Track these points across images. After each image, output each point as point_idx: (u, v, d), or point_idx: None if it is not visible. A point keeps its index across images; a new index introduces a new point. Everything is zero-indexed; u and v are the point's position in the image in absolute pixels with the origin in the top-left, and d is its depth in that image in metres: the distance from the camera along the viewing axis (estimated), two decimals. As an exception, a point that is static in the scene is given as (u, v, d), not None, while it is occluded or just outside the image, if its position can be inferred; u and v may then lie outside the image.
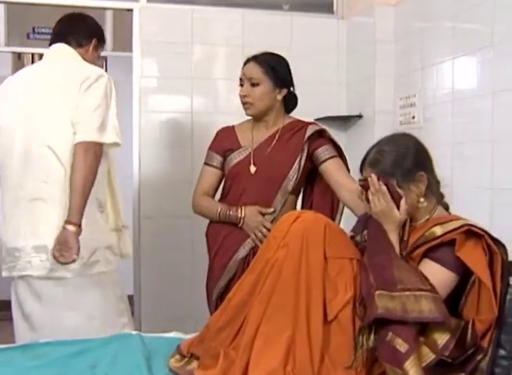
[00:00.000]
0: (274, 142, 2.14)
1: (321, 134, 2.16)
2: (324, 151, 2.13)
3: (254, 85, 2.12)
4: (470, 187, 2.47)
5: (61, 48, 2.06)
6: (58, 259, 1.86)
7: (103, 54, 3.76)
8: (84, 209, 1.88)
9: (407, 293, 1.36)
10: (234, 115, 3.29)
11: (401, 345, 1.31)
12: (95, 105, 1.89)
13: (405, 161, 1.58)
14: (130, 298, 3.40)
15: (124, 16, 3.43)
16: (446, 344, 1.35)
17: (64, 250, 1.85)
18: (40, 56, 5.77)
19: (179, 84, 3.31)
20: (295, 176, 2.10)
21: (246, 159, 2.13)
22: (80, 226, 1.88)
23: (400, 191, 1.56)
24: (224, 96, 3.40)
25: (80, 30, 2.10)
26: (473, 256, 1.42)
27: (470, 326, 1.40)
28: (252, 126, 2.21)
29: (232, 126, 2.29)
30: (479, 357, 1.39)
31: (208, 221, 2.30)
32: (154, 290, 3.32)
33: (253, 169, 2.11)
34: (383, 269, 1.44)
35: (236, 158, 2.16)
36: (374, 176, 1.57)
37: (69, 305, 1.97)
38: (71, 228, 1.86)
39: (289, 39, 3.40)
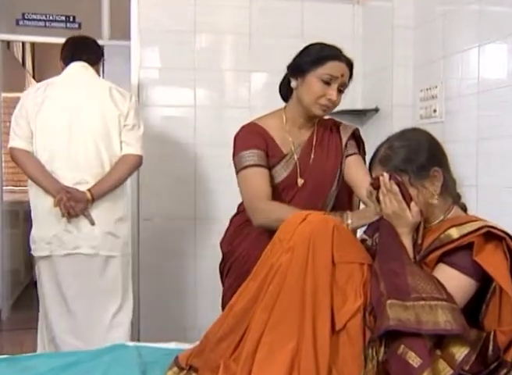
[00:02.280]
0: (314, 146, 2.09)
1: (353, 133, 2.16)
2: (348, 147, 2.13)
3: (340, 92, 2.01)
4: (496, 186, 2.45)
5: (85, 67, 2.64)
6: (66, 203, 2.42)
7: (100, 42, 3.80)
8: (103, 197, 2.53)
9: (421, 302, 1.34)
10: (242, 109, 3.33)
11: (414, 359, 1.29)
12: (139, 125, 2.63)
13: (418, 156, 1.56)
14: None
15: (122, 2, 3.43)
16: (464, 359, 1.33)
17: (72, 203, 2.42)
18: (32, 45, 5.89)
19: (181, 76, 3.33)
20: (338, 182, 2.10)
21: (293, 171, 2.05)
22: (93, 202, 2.50)
23: (412, 189, 1.54)
24: (230, 88, 3.40)
25: (94, 52, 2.74)
26: (492, 261, 1.40)
27: (491, 338, 1.38)
28: (284, 125, 2.09)
29: (257, 124, 2.09)
30: (503, 373, 1.36)
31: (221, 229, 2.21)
32: (153, 297, 3.33)
33: (300, 181, 2.05)
34: (395, 277, 1.42)
35: (283, 171, 2.05)
36: (386, 175, 1.56)
37: (106, 281, 2.55)
38: (89, 197, 2.48)
39: (300, 26, 3.40)
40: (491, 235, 1.43)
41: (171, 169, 3.32)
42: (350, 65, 2.01)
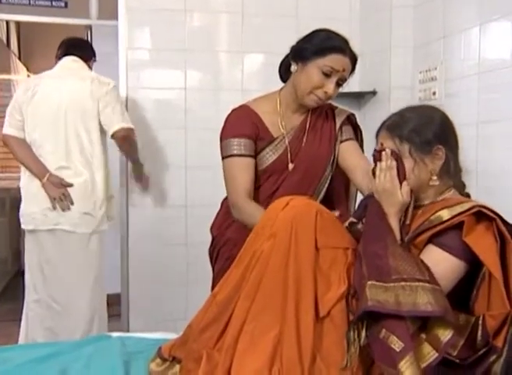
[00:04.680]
0: (307, 131, 2.08)
1: (348, 118, 2.16)
2: (342, 132, 2.13)
3: (339, 85, 1.99)
4: (497, 171, 2.44)
5: (75, 61, 3.00)
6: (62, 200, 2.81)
7: (87, 22, 3.78)
8: None
9: (402, 283, 1.35)
10: (235, 91, 3.30)
11: (396, 344, 1.30)
12: (121, 108, 2.94)
13: (426, 130, 1.57)
14: (117, 296, 3.42)
15: (109, -21, 3.39)
16: (449, 341, 1.33)
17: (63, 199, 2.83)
18: (17, 25, 5.81)
19: (171, 57, 3.31)
20: (332, 168, 2.10)
21: (283, 155, 2.05)
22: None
23: (410, 160, 1.55)
24: (223, 70, 3.38)
25: (85, 50, 3.12)
26: (482, 243, 1.39)
27: (480, 322, 1.37)
28: (278, 108, 2.09)
29: (248, 107, 2.09)
30: (492, 358, 1.36)
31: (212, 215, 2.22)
32: (143, 287, 3.33)
33: (291, 165, 2.05)
34: (377, 258, 1.42)
35: (272, 154, 2.05)
36: (388, 151, 1.57)
37: (85, 255, 2.89)
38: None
39: (294, 6, 3.38)
40: (482, 215, 1.44)
41: (160, 154, 3.30)
42: (354, 60, 1.99)
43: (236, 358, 1.40)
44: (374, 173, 1.61)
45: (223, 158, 2.06)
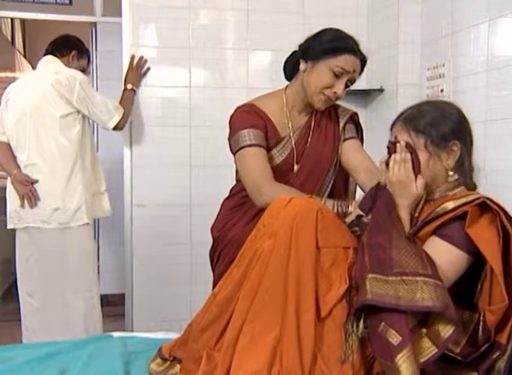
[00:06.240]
0: (311, 131, 2.08)
1: (351, 117, 2.16)
2: (346, 131, 2.13)
3: (347, 86, 1.99)
4: (505, 170, 2.42)
5: (50, 60, 3.06)
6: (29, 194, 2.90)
7: (92, 19, 3.78)
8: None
9: (403, 277, 1.34)
10: (240, 89, 3.29)
11: (394, 337, 1.30)
12: (92, 102, 2.97)
13: (443, 124, 1.57)
14: (121, 296, 3.41)
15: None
16: (450, 338, 1.32)
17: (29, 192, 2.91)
18: (22, 22, 5.82)
19: (176, 55, 3.31)
20: (335, 168, 2.10)
21: (290, 156, 2.05)
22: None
23: (425, 153, 1.55)
24: (228, 68, 3.37)
25: (62, 45, 3.13)
26: (483, 234, 1.38)
27: (481, 318, 1.37)
28: (284, 107, 2.08)
29: (255, 105, 2.07)
30: (495, 355, 1.36)
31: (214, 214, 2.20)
32: (147, 287, 3.33)
33: (296, 167, 2.05)
34: (381, 250, 1.42)
35: (279, 155, 2.04)
36: (402, 143, 1.57)
37: (60, 251, 2.92)
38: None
39: (301, 2, 3.39)
40: (487, 207, 1.43)
41: (165, 153, 3.30)
42: (363, 61, 2.00)
43: (236, 358, 1.40)
44: (387, 165, 1.61)
45: (235, 152, 2.02)
